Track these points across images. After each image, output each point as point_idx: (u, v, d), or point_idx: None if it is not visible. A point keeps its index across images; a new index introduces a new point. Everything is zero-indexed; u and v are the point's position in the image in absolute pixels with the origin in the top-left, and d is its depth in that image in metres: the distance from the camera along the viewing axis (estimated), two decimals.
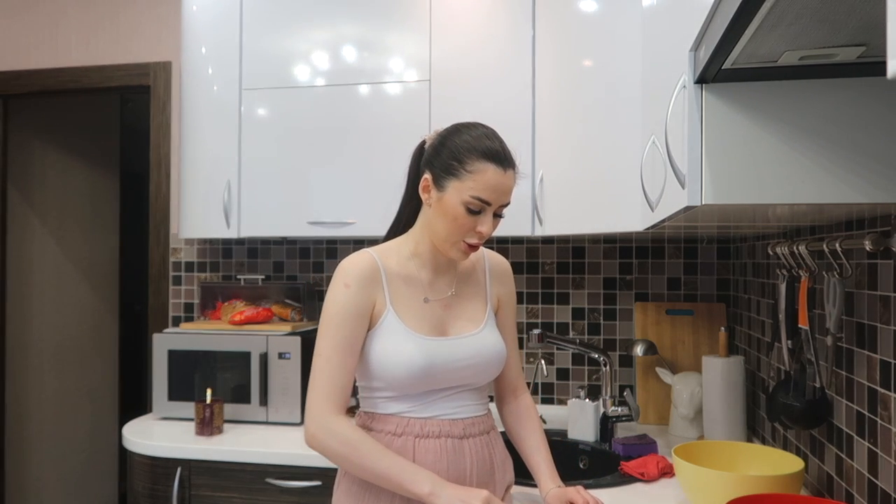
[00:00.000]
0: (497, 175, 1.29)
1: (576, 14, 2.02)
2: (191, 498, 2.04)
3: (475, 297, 1.45)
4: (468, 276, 1.46)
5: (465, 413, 1.37)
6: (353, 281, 1.31)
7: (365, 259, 1.34)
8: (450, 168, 1.30)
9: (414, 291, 1.37)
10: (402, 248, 1.41)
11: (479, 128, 1.34)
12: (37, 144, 3.37)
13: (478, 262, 1.49)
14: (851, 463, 1.36)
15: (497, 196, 1.30)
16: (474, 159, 1.29)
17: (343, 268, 1.33)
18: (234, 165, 2.38)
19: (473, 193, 1.28)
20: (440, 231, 1.33)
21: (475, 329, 1.40)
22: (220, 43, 2.41)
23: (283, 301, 2.57)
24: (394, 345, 1.31)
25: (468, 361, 1.35)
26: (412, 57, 2.27)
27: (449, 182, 1.30)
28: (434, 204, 1.33)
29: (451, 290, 1.41)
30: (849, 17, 0.72)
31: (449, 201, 1.30)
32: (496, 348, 1.40)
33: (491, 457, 1.39)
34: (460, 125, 1.36)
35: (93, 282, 3.70)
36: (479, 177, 1.28)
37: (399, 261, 1.39)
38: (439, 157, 1.33)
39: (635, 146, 1.76)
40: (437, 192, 1.32)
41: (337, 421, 1.27)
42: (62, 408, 3.49)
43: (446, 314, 1.39)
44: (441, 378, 1.33)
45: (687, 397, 2.15)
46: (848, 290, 1.36)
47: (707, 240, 2.41)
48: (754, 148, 1.00)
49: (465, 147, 1.30)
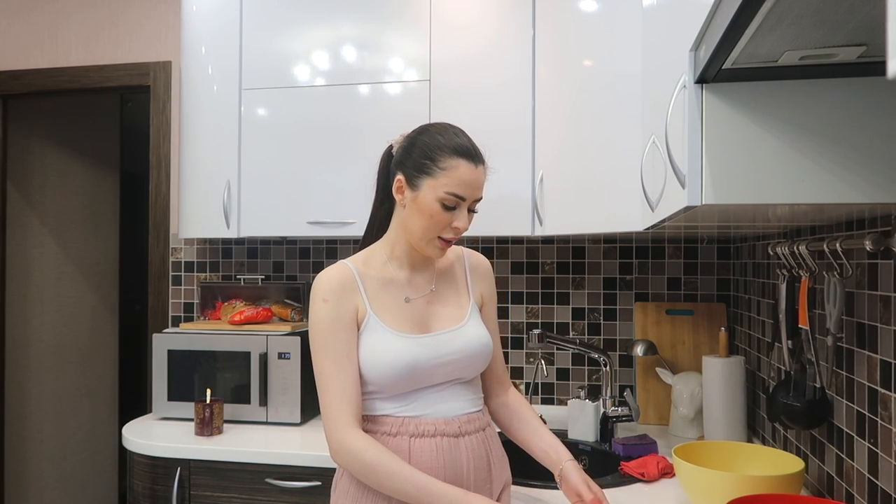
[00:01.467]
0: (469, 170, 1.32)
1: (576, 14, 2.02)
2: (190, 498, 2.04)
3: (456, 293, 1.46)
4: (448, 274, 1.47)
5: (460, 410, 1.37)
6: (330, 294, 1.34)
7: (337, 271, 1.37)
8: (423, 167, 1.33)
9: (393, 292, 1.39)
10: (378, 253, 1.43)
11: (447, 127, 1.38)
12: (37, 144, 3.37)
13: (457, 259, 1.50)
14: (852, 463, 1.36)
15: (471, 191, 1.33)
16: (447, 156, 1.32)
17: (317, 284, 1.36)
18: (234, 165, 2.38)
19: (448, 189, 1.31)
20: (416, 230, 1.35)
21: (458, 324, 1.41)
22: (220, 43, 2.41)
23: (283, 301, 2.57)
24: (377, 345, 1.33)
25: (453, 356, 1.36)
26: (412, 57, 2.27)
27: (422, 180, 1.33)
28: (409, 204, 1.35)
29: (432, 287, 1.43)
30: (849, 17, 0.72)
31: (424, 199, 1.32)
32: (481, 341, 1.41)
33: (488, 454, 1.39)
34: (428, 125, 1.40)
35: (93, 282, 3.70)
36: (453, 173, 1.31)
37: (376, 265, 1.41)
38: (410, 157, 1.35)
39: (635, 146, 1.76)
40: (412, 191, 1.34)
41: (352, 439, 1.27)
42: (62, 408, 3.49)
43: (428, 311, 1.40)
44: (427, 374, 1.34)
45: (687, 397, 2.15)
46: (848, 290, 1.36)
47: (707, 240, 2.41)
48: (754, 148, 1.00)
49: (436, 145, 1.33)
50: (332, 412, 1.29)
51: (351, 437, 1.28)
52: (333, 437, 1.29)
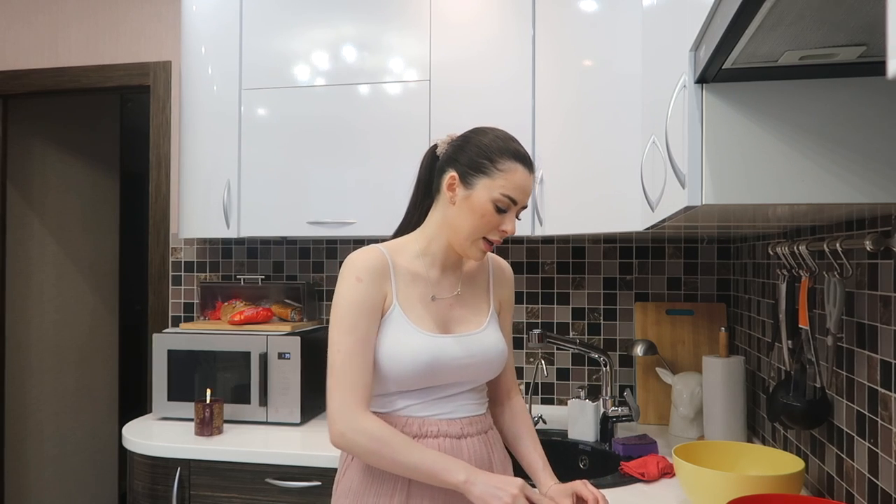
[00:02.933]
0: (525, 176, 1.34)
1: (576, 14, 2.02)
2: (190, 498, 2.04)
3: (479, 297, 1.46)
4: (472, 277, 1.47)
5: (464, 412, 1.37)
6: (365, 275, 1.31)
7: (374, 253, 1.35)
8: (480, 166, 1.32)
9: (421, 289, 1.38)
10: (411, 245, 1.41)
11: (502, 131, 1.38)
12: (37, 144, 3.37)
13: (483, 263, 1.50)
14: (852, 463, 1.36)
15: (523, 196, 1.34)
16: (506, 159, 1.32)
17: (353, 262, 1.32)
18: (234, 165, 2.38)
19: (504, 191, 1.31)
20: (464, 228, 1.34)
21: (478, 328, 1.41)
22: (220, 43, 2.41)
23: (283, 301, 2.57)
24: (399, 340, 1.32)
25: (471, 360, 1.36)
26: (412, 57, 2.27)
27: (478, 179, 1.32)
28: (460, 201, 1.34)
29: (457, 290, 1.42)
30: (849, 17, 0.72)
31: (478, 198, 1.32)
32: (498, 347, 1.41)
33: (490, 456, 1.39)
34: (482, 128, 1.40)
35: (93, 282, 3.70)
36: (511, 175, 1.32)
37: (408, 258, 1.39)
38: (465, 155, 1.35)
39: (635, 146, 1.76)
40: (465, 189, 1.34)
41: (365, 418, 1.26)
42: (62, 408, 3.49)
43: (450, 313, 1.40)
44: (443, 375, 1.34)
45: (687, 397, 2.15)
46: (848, 290, 1.36)
47: (707, 240, 2.41)
48: (754, 148, 1.00)
49: (496, 147, 1.33)
50: (345, 392, 1.26)
51: (365, 417, 1.26)
52: (343, 418, 1.25)
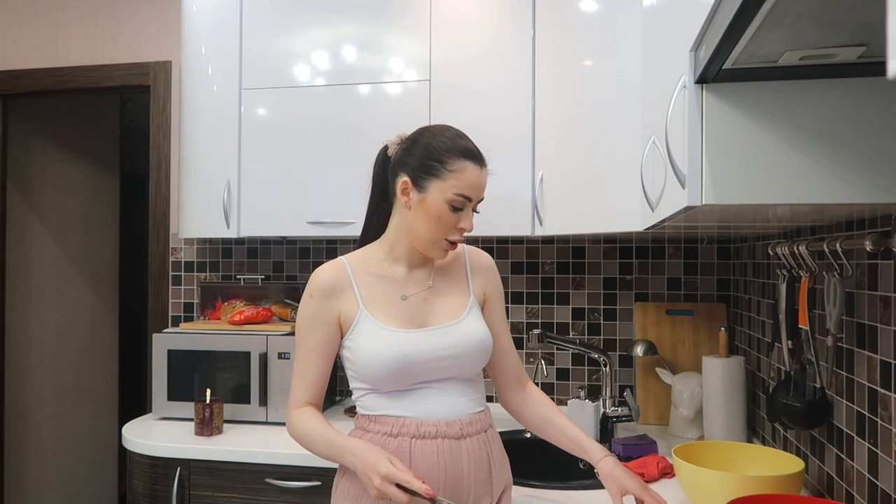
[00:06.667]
0: (476, 172, 1.35)
1: (576, 14, 2.02)
2: (190, 498, 2.04)
3: (455, 290, 1.45)
4: (447, 271, 1.47)
5: (462, 411, 1.37)
6: (317, 292, 1.39)
7: (332, 269, 1.40)
8: (430, 168, 1.34)
9: (389, 289, 1.40)
10: (376, 252, 1.45)
11: (450, 129, 1.39)
12: (37, 144, 3.37)
13: (458, 257, 1.50)
14: (852, 463, 1.36)
15: (477, 192, 1.36)
16: (455, 158, 1.34)
17: (311, 279, 1.41)
18: (234, 165, 2.38)
19: (457, 191, 1.33)
20: (423, 232, 1.36)
21: (455, 319, 1.40)
22: (220, 43, 2.40)
23: (283, 301, 2.57)
24: (368, 340, 1.34)
25: (448, 352, 1.36)
26: (412, 57, 2.27)
27: (430, 182, 1.34)
28: (415, 206, 1.36)
29: (429, 283, 1.43)
30: (849, 17, 0.72)
31: (433, 201, 1.34)
32: (477, 337, 1.40)
33: (488, 456, 1.39)
34: (428, 127, 1.41)
35: (93, 282, 3.70)
36: (461, 174, 1.33)
37: (372, 263, 1.43)
38: (414, 158, 1.36)
39: (635, 146, 1.76)
40: (418, 193, 1.35)
41: (296, 415, 1.38)
42: (62, 407, 3.49)
43: (425, 308, 1.41)
44: (420, 370, 1.34)
45: (687, 397, 2.15)
46: (848, 291, 1.36)
47: (707, 240, 2.41)
48: (754, 148, 1.00)
49: (444, 147, 1.34)
50: (293, 395, 1.40)
51: (296, 414, 1.38)
52: (287, 416, 1.40)
